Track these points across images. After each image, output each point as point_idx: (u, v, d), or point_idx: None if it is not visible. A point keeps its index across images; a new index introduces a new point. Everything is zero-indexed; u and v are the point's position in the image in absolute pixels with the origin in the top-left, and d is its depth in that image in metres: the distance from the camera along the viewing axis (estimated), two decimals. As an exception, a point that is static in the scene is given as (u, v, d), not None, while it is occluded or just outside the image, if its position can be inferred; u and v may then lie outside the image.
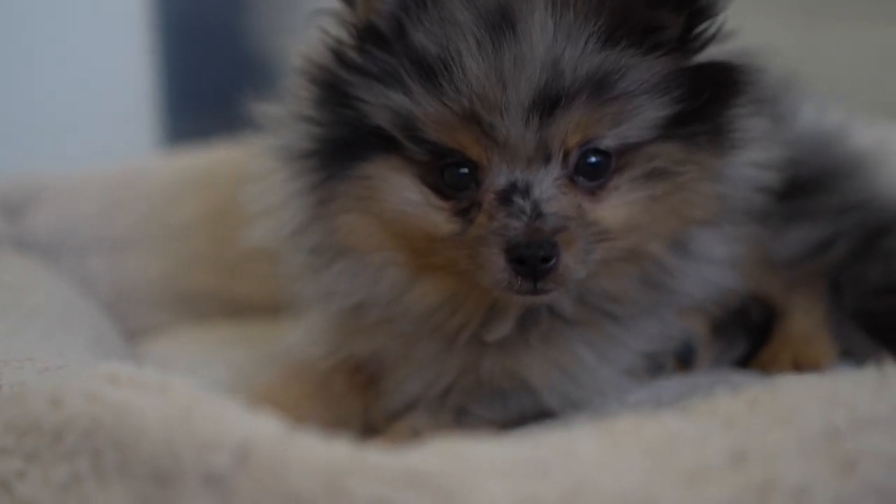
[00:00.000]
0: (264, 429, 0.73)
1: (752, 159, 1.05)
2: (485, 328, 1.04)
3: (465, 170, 0.95)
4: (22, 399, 0.83)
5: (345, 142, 0.98)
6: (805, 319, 1.19)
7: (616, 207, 0.97)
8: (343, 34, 0.98)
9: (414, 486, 0.68)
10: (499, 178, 0.94)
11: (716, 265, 1.08)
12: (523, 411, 1.05)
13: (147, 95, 2.42)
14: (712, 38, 0.99)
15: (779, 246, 1.18)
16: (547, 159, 0.94)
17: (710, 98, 0.97)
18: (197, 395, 0.77)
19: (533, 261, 0.92)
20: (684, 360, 1.17)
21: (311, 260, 1.07)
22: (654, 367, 1.15)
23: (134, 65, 2.41)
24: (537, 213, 0.93)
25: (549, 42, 0.91)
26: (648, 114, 0.95)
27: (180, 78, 2.48)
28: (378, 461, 0.70)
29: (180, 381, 0.79)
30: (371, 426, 1.11)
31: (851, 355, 1.19)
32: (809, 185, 1.20)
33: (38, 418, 0.80)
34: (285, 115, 1.04)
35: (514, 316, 1.03)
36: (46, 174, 1.64)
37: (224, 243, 1.54)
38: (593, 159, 0.96)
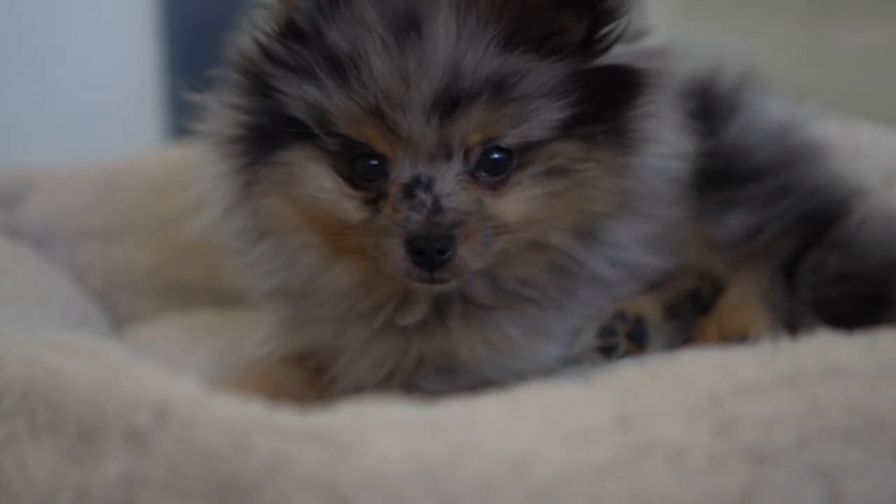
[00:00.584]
0: (183, 389, 0.77)
1: (663, 152, 1.08)
2: (399, 312, 1.08)
3: (375, 162, 1.00)
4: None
5: (267, 130, 1.03)
6: (737, 293, 1.21)
7: (516, 202, 1.01)
8: (268, 28, 1.02)
9: (312, 441, 0.72)
10: (403, 171, 0.99)
11: (626, 249, 1.11)
12: (473, 384, 1.08)
13: (151, 94, 2.46)
14: (616, 41, 1.02)
15: (720, 230, 1.20)
16: (448, 156, 0.99)
17: (609, 100, 1.01)
18: (125, 359, 0.82)
19: (429, 252, 0.96)
20: (637, 342, 1.18)
21: (238, 243, 1.13)
22: (607, 350, 1.18)
23: (138, 63, 2.44)
24: (437, 207, 0.97)
25: (451, 45, 0.95)
26: (547, 115, 0.98)
27: (184, 76, 2.51)
28: (283, 420, 0.74)
29: (112, 346, 0.84)
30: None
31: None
32: (759, 172, 1.22)
33: (-16, 382, 0.85)
34: (216, 103, 1.09)
35: (426, 301, 1.08)
36: (39, 165, 1.68)
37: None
38: (495, 156, 1.00)
